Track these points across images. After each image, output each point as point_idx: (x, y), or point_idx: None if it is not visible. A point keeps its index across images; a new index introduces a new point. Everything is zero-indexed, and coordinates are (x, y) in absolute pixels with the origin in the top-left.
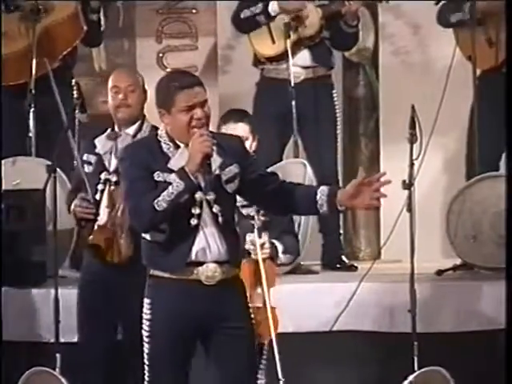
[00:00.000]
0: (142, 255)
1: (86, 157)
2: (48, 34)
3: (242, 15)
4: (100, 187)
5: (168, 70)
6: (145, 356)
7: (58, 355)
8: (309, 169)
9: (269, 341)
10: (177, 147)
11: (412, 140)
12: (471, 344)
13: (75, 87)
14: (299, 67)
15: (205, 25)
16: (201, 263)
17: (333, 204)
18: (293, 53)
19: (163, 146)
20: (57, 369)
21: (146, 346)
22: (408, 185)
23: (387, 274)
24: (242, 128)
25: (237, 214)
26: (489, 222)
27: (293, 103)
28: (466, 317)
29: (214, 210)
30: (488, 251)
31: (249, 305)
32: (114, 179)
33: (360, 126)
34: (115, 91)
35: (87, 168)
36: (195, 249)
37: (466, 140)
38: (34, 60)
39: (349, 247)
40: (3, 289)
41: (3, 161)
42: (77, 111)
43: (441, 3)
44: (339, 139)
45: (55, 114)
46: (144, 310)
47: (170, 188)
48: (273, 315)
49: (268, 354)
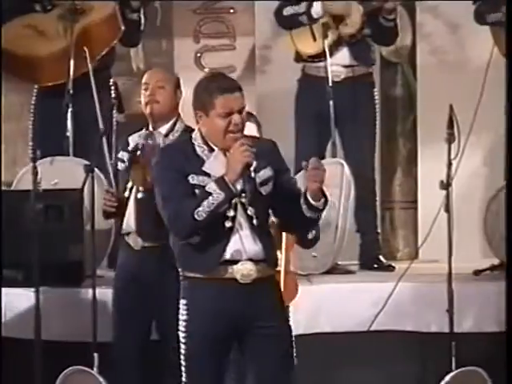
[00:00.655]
0: (176, 258)
1: (120, 154)
2: (86, 35)
3: (285, 12)
4: (130, 185)
5: (206, 71)
6: (181, 357)
7: (96, 354)
8: (346, 168)
9: None
10: (211, 150)
11: (450, 139)
12: (509, 344)
13: (113, 87)
14: (339, 66)
15: (242, 25)
16: (236, 261)
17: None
18: (333, 51)
19: (197, 149)
20: (94, 368)
21: (183, 347)
22: (446, 185)
23: (425, 274)
24: (248, 127)
25: None
26: None
27: (330, 103)
28: (504, 317)
29: (249, 213)
30: None
31: (285, 305)
32: None
33: (398, 126)
34: (145, 88)
35: (120, 165)
36: (230, 249)
37: (505, 139)
38: (72, 60)
39: (386, 247)
40: (41, 288)
41: (41, 160)
42: (114, 111)
43: (478, 3)
44: (377, 139)
45: (93, 114)
46: (180, 311)
47: (210, 198)
48: (293, 279)
49: None
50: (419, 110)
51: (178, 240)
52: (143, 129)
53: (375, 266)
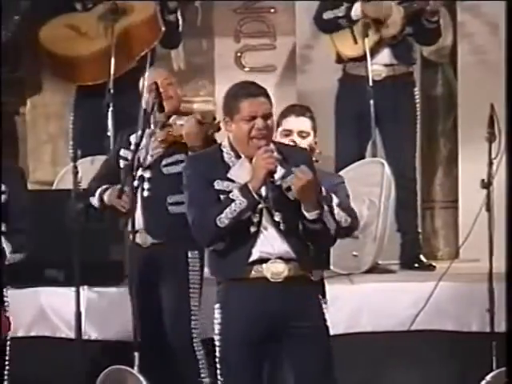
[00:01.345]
0: (206, 265)
1: (123, 152)
2: (127, 35)
3: (325, 16)
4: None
5: (247, 70)
6: (217, 360)
7: (137, 354)
8: (387, 168)
9: None
10: (238, 157)
11: (491, 139)
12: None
13: (154, 87)
14: (380, 65)
15: (283, 24)
16: (265, 261)
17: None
18: (375, 52)
19: (225, 156)
20: (135, 367)
21: (218, 350)
22: (487, 184)
23: (465, 274)
24: (303, 122)
25: None
26: None
27: (371, 102)
28: None
29: (276, 219)
30: None
31: (322, 305)
32: (148, 175)
33: (438, 126)
34: (155, 87)
35: (122, 163)
36: (257, 249)
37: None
38: (113, 60)
39: (427, 246)
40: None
41: (82, 160)
42: (155, 110)
43: None
44: (418, 138)
45: (133, 114)
46: (215, 316)
47: (233, 205)
48: None
49: None
50: (460, 110)
51: (203, 246)
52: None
53: (416, 266)
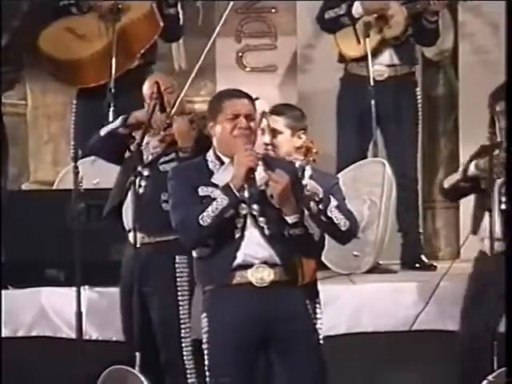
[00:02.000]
0: (195, 275)
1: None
2: (125, 34)
3: (327, 16)
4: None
5: (248, 70)
6: (206, 368)
7: (138, 354)
8: (388, 168)
9: None
10: (222, 163)
11: (491, 139)
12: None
13: (155, 86)
14: (383, 65)
15: (284, 24)
16: (250, 266)
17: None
18: (377, 52)
19: (209, 164)
20: (136, 367)
21: (207, 358)
22: (487, 184)
23: (466, 274)
24: (275, 120)
25: None
26: None
27: (372, 102)
28: None
29: (260, 224)
30: None
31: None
32: (146, 173)
33: (439, 126)
34: (155, 96)
35: (126, 154)
36: (241, 254)
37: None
38: (114, 59)
39: (428, 247)
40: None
41: (82, 160)
42: (156, 110)
43: None
44: (419, 138)
45: None
46: (202, 325)
47: (215, 203)
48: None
49: None
50: (461, 110)
51: (188, 248)
52: None
53: (417, 266)
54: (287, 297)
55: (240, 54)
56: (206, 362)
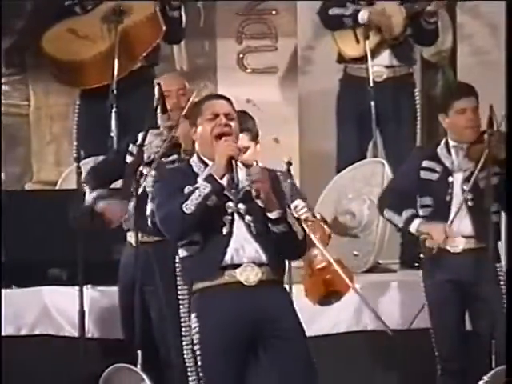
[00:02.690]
0: (181, 275)
1: (130, 147)
2: (128, 36)
3: (330, 12)
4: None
5: (249, 71)
6: (199, 369)
7: (140, 352)
8: (387, 168)
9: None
10: (206, 166)
11: (490, 139)
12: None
13: (157, 87)
14: (382, 66)
15: (285, 25)
16: (238, 265)
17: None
18: (376, 53)
19: (194, 169)
20: (138, 365)
21: (199, 358)
22: (486, 184)
23: None
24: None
25: None
26: None
27: (372, 103)
28: None
29: (247, 221)
30: None
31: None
32: (145, 172)
33: (438, 126)
34: (167, 95)
35: (128, 158)
36: (230, 252)
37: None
38: (116, 61)
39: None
40: (85, 287)
41: (85, 160)
42: (158, 111)
43: None
44: (418, 139)
45: (137, 114)
46: (192, 325)
47: (197, 191)
48: (342, 266)
49: None
50: None
51: (173, 240)
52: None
53: (416, 265)
54: (276, 296)
55: (241, 56)
56: (199, 363)
